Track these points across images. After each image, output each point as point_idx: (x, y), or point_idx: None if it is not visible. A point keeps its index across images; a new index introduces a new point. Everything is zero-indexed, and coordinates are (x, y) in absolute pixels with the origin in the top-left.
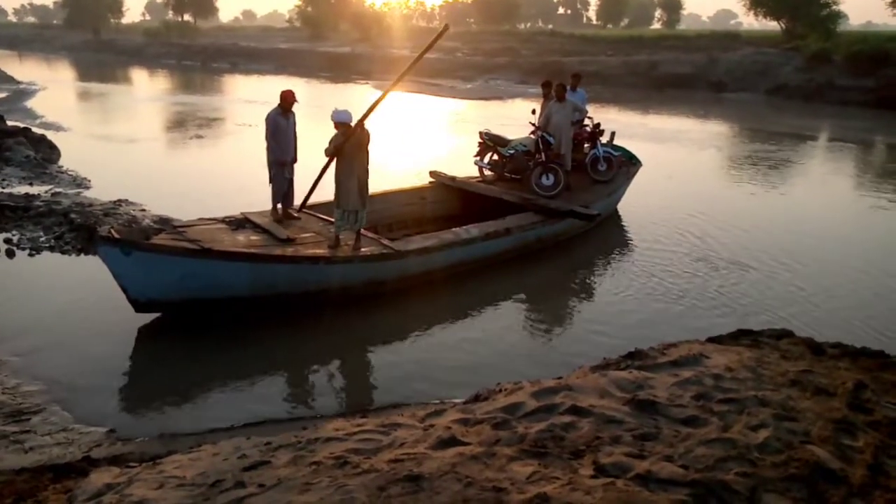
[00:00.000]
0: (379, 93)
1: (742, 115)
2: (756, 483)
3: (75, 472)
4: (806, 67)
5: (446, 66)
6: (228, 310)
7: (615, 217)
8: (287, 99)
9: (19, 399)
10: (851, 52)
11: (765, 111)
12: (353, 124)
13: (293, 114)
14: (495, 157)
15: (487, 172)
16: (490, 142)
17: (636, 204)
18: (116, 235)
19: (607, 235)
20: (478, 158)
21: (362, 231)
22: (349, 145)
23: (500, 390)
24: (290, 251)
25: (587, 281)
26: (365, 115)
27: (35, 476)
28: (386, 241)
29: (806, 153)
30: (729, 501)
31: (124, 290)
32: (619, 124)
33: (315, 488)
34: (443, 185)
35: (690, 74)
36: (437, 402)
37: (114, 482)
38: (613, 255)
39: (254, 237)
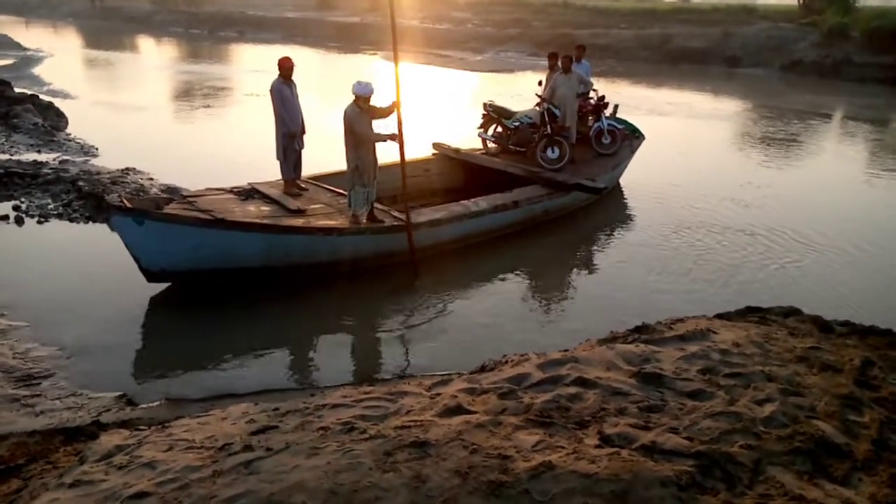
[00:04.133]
0: (388, 63)
1: (755, 92)
2: (761, 455)
3: (85, 436)
4: (822, 43)
5: (456, 37)
6: (240, 280)
7: (620, 191)
8: (285, 66)
9: (30, 364)
10: (870, 28)
11: (779, 87)
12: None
13: (294, 83)
14: (499, 129)
15: (491, 144)
16: (494, 113)
17: (644, 178)
18: (129, 205)
19: (612, 209)
20: (481, 130)
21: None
22: (372, 120)
23: (506, 361)
24: (301, 222)
25: (593, 254)
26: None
27: (46, 438)
28: (396, 213)
29: (820, 131)
30: (733, 473)
31: (136, 260)
32: (631, 98)
33: (322, 453)
34: (446, 157)
35: (704, 49)
36: (444, 372)
37: (124, 444)
38: (620, 229)
39: (264, 208)
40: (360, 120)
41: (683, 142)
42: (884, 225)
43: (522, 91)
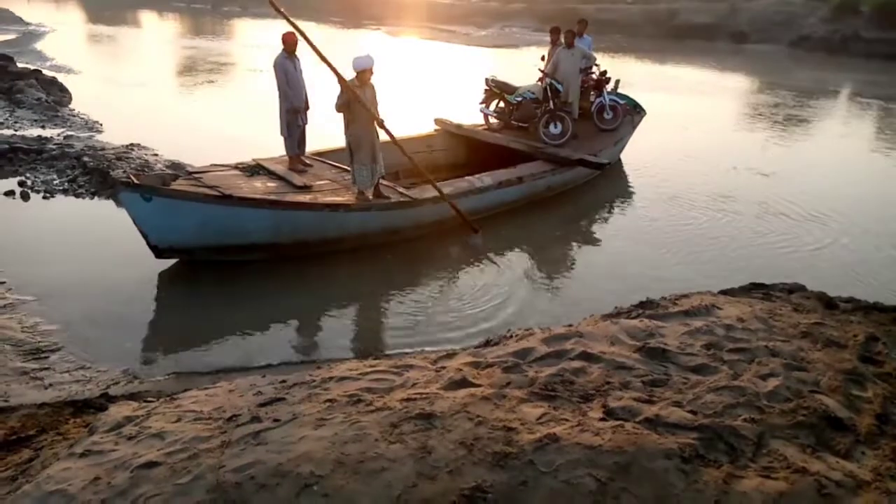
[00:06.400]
0: (390, 38)
1: (762, 68)
2: (764, 429)
3: (94, 408)
4: (831, 18)
5: (461, 11)
6: (247, 256)
7: (621, 166)
8: (289, 41)
9: (38, 337)
10: (880, 3)
11: (786, 63)
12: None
13: (298, 58)
14: (501, 104)
15: (493, 120)
16: (496, 89)
17: (646, 153)
18: (137, 181)
19: (615, 184)
20: (483, 106)
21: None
22: (371, 97)
23: (511, 336)
24: (308, 198)
25: (597, 230)
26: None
27: (56, 411)
28: (402, 190)
29: (826, 108)
30: (736, 446)
31: (144, 236)
32: (635, 74)
33: (329, 424)
34: (448, 132)
35: (711, 24)
36: (449, 347)
37: (133, 415)
38: (623, 205)
39: (270, 184)
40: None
41: (686, 118)
42: (892, 201)
43: (527, 66)
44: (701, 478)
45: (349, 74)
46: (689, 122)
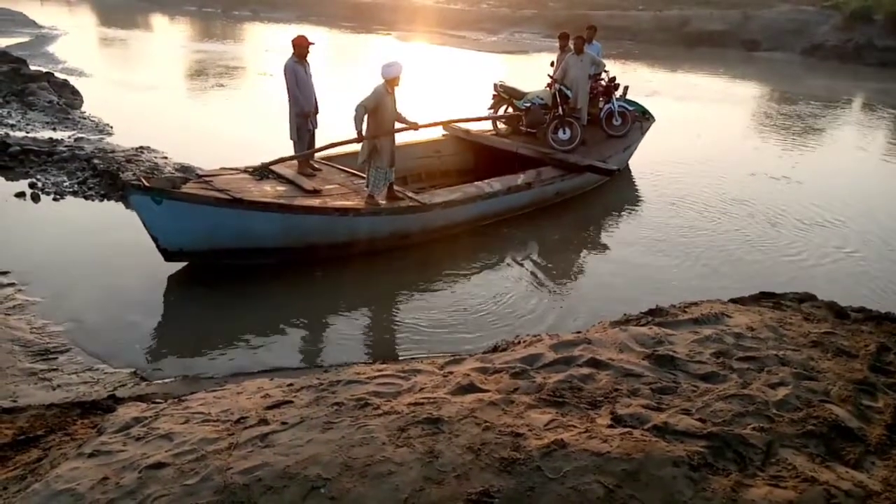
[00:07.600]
0: (401, 43)
1: (774, 76)
2: (773, 438)
3: (101, 409)
4: (844, 27)
5: (471, 17)
6: (257, 260)
7: (630, 173)
8: (301, 45)
9: (46, 338)
10: (894, 11)
11: (798, 72)
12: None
13: (308, 62)
14: (510, 110)
15: (502, 126)
16: (505, 94)
17: (657, 160)
18: (147, 184)
19: (623, 191)
20: (492, 111)
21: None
22: (393, 103)
23: (519, 342)
24: (317, 202)
25: (605, 236)
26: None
27: (63, 412)
28: (412, 195)
29: (840, 117)
30: (745, 454)
31: (154, 239)
32: (647, 81)
33: (337, 427)
34: (457, 137)
35: (723, 31)
36: (457, 352)
37: (141, 416)
38: (632, 211)
39: (280, 188)
40: (385, 102)
41: (696, 125)
42: None
43: (536, 72)
44: (709, 486)
45: (378, 80)
46: (699, 129)
